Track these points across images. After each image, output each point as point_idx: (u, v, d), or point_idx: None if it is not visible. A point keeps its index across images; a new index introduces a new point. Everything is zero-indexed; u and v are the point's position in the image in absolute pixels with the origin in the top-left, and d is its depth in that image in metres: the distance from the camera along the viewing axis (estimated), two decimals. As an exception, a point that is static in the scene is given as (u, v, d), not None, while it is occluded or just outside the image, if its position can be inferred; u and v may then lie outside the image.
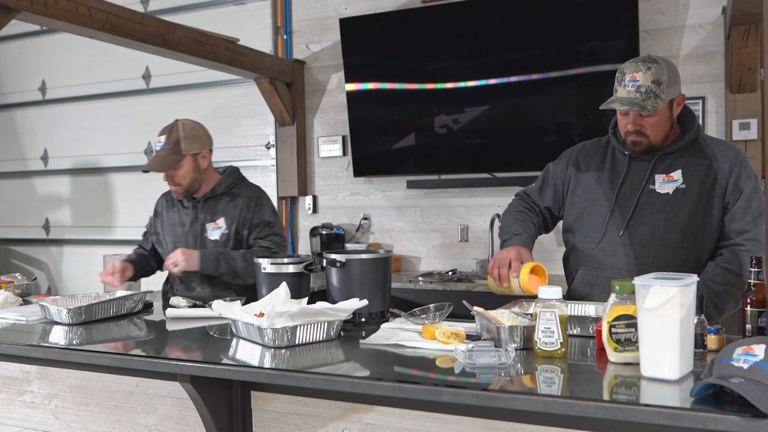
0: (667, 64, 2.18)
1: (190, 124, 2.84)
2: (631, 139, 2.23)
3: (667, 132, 2.23)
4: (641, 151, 2.25)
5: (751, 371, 1.28)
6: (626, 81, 2.15)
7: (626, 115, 2.22)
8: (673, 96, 2.18)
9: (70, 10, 3.06)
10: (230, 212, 2.85)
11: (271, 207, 2.93)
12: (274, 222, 2.88)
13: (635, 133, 2.21)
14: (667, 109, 2.19)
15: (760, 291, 1.77)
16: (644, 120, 2.18)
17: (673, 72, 2.18)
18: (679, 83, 2.22)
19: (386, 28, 4.33)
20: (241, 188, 2.92)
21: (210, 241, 2.84)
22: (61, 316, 2.31)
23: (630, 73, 2.15)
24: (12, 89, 5.87)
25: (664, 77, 2.13)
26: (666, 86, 2.13)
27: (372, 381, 1.57)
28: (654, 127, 2.20)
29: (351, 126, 4.45)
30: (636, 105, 2.12)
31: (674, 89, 2.18)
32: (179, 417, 2.01)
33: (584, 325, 1.91)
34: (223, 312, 2.03)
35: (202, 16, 4.87)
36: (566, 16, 3.88)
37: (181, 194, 2.85)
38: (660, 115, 2.18)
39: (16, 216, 5.90)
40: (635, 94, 2.13)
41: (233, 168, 2.99)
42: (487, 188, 4.24)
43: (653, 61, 2.16)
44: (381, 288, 2.24)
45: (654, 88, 2.12)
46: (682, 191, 2.21)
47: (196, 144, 2.81)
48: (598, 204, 2.33)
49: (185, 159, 2.78)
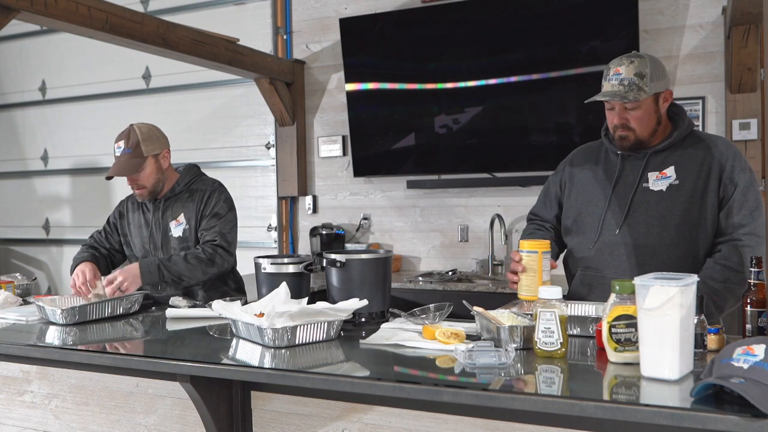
0: (652, 59, 2.21)
1: (146, 127, 2.85)
2: (618, 133, 2.25)
3: (654, 127, 2.24)
4: (629, 147, 2.27)
5: (751, 371, 1.28)
6: (610, 75, 2.21)
7: (612, 110, 2.25)
8: (659, 90, 2.20)
9: (70, 10, 3.06)
10: (189, 207, 2.87)
11: (225, 199, 2.90)
12: (223, 214, 2.85)
13: (621, 127, 2.24)
14: (652, 103, 2.20)
15: (760, 291, 1.77)
16: (629, 113, 2.21)
17: (657, 67, 2.21)
18: (666, 79, 2.23)
19: (386, 28, 4.33)
20: (198, 183, 2.93)
21: (174, 238, 2.85)
22: (56, 316, 2.32)
23: (614, 68, 2.20)
24: (12, 89, 5.87)
25: (647, 70, 2.16)
26: (650, 79, 2.16)
27: (372, 381, 1.57)
28: (639, 121, 2.21)
29: (351, 126, 4.45)
30: (617, 96, 2.16)
31: (659, 83, 2.20)
32: (179, 417, 2.01)
33: (584, 325, 1.91)
34: (223, 312, 2.03)
35: (202, 16, 4.87)
36: (566, 16, 3.89)
37: (146, 197, 2.86)
38: (645, 108, 2.20)
39: (16, 216, 5.90)
40: (618, 86, 2.17)
41: (190, 165, 3.00)
42: (487, 188, 4.24)
43: (637, 56, 2.20)
44: (381, 288, 2.24)
45: (637, 80, 2.15)
46: (675, 187, 2.21)
47: (156, 145, 2.82)
48: (593, 205, 2.33)
49: (147, 161, 2.79)
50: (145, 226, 2.91)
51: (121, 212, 3.01)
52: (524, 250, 2.11)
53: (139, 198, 2.89)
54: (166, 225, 2.87)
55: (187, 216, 2.85)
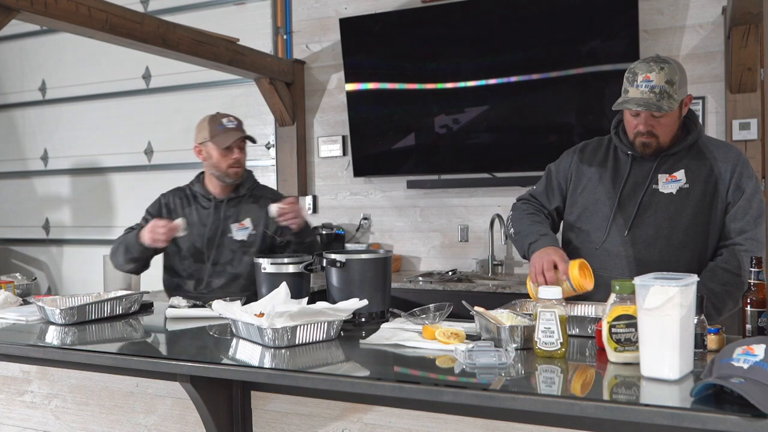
0: (678, 65, 2.18)
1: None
2: (641, 140, 2.22)
3: (676, 133, 2.24)
4: (650, 153, 2.24)
5: (751, 371, 1.28)
6: (639, 81, 2.13)
7: (637, 116, 2.20)
8: (683, 96, 2.18)
9: (70, 10, 3.06)
10: (256, 213, 2.91)
11: None
12: None
13: (646, 134, 2.20)
14: (677, 110, 2.19)
15: (760, 291, 1.77)
16: (656, 121, 2.17)
17: (683, 72, 2.19)
18: (686, 84, 2.22)
19: (386, 28, 4.33)
20: (260, 190, 3.01)
21: (234, 241, 2.88)
22: (54, 316, 2.31)
23: (643, 74, 2.13)
24: (12, 89, 5.87)
25: (677, 77, 2.13)
26: (678, 86, 2.13)
27: (372, 381, 1.57)
28: (665, 128, 2.19)
29: (351, 126, 4.45)
30: (652, 105, 2.11)
31: (684, 90, 2.18)
32: (179, 417, 2.01)
33: (584, 326, 1.91)
34: (223, 312, 2.03)
35: (202, 16, 4.86)
36: (566, 16, 3.88)
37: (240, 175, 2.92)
38: (671, 116, 2.18)
39: (16, 216, 5.90)
40: (649, 94, 2.11)
41: (250, 171, 3.05)
42: (487, 188, 4.24)
43: (665, 62, 2.15)
44: (381, 288, 2.24)
45: (668, 88, 2.11)
46: (685, 191, 2.21)
47: None
48: (601, 203, 2.32)
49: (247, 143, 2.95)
50: (200, 224, 2.91)
51: (167, 206, 2.98)
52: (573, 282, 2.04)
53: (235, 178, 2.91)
54: (227, 226, 2.89)
55: (255, 222, 2.90)
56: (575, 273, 2.05)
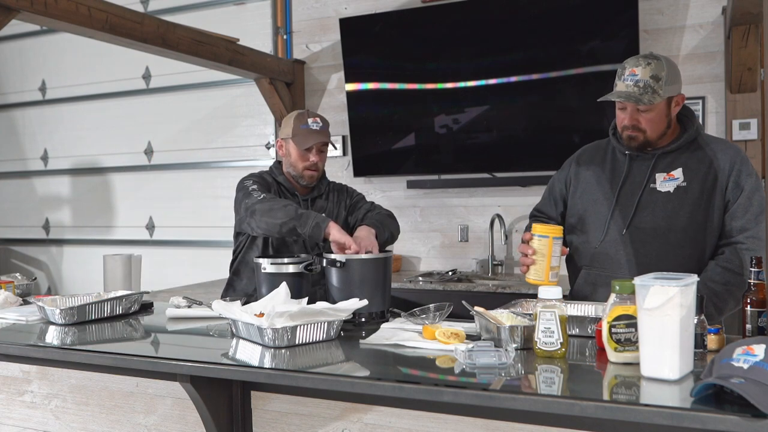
0: (668, 62, 2.20)
1: None
2: (627, 134, 2.24)
3: (664, 130, 2.24)
4: (636, 147, 2.26)
5: (751, 371, 1.28)
6: (625, 75, 2.18)
7: (624, 110, 2.23)
8: (672, 94, 2.19)
9: (70, 10, 3.06)
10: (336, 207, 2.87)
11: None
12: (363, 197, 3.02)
13: (631, 128, 2.22)
14: (664, 107, 2.20)
15: (760, 291, 1.77)
16: (641, 115, 2.20)
17: (673, 70, 2.20)
18: (679, 83, 2.23)
19: (386, 28, 4.33)
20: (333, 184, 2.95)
21: None
22: (54, 316, 2.31)
23: (630, 68, 2.18)
24: (12, 89, 5.87)
25: (664, 74, 2.15)
26: (665, 83, 2.15)
27: (372, 381, 1.57)
28: (650, 123, 2.20)
29: (351, 126, 4.45)
30: (632, 98, 2.15)
31: (673, 87, 2.19)
32: (179, 417, 2.01)
33: (584, 326, 1.91)
34: (223, 312, 2.03)
35: (202, 16, 4.86)
36: (566, 16, 3.88)
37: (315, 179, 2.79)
38: (657, 112, 2.19)
39: (16, 216, 5.90)
40: (633, 88, 2.15)
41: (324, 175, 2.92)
42: (487, 188, 4.24)
43: (654, 58, 2.18)
44: (381, 288, 2.24)
45: (652, 83, 2.14)
46: (683, 189, 2.21)
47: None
48: (600, 204, 2.33)
49: None
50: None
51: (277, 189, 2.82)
52: (536, 233, 2.07)
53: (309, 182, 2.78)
54: None
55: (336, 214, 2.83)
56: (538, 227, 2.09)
